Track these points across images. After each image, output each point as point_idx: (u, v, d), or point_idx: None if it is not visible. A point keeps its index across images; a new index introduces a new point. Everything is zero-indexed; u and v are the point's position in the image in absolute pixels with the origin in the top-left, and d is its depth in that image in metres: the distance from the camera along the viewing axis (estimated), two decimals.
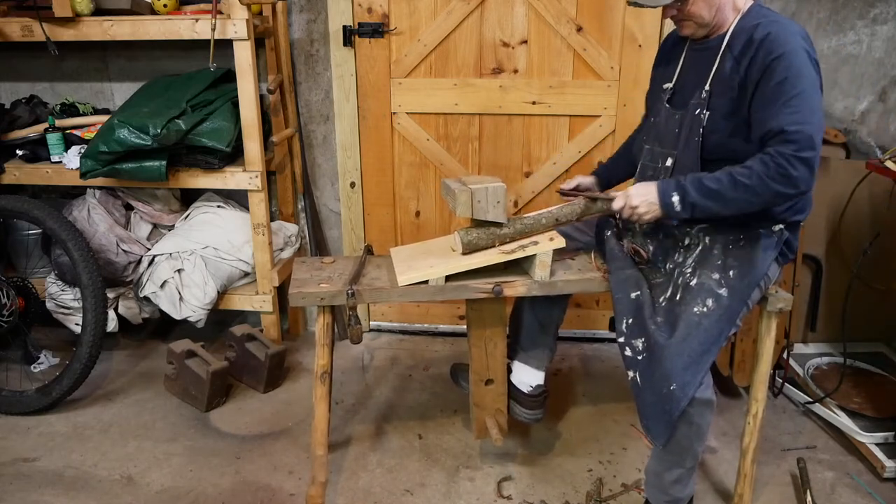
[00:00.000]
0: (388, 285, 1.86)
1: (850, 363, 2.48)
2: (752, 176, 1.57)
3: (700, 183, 1.63)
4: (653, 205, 1.68)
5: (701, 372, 1.65)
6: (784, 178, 1.55)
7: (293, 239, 2.89)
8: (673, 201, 1.65)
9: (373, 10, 2.62)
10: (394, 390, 2.62)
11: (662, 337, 1.68)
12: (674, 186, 1.65)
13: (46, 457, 2.23)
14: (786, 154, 1.54)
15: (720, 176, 1.61)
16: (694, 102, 1.74)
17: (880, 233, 2.45)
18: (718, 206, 1.62)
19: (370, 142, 2.80)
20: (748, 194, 1.59)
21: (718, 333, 1.68)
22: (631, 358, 1.74)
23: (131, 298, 2.71)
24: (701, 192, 1.62)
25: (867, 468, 2.17)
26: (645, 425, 1.73)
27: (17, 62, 2.88)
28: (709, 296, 1.69)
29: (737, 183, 1.59)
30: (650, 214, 1.69)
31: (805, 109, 1.55)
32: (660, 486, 1.82)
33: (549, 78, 2.64)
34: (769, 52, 1.59)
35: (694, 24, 1.73)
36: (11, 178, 2.64)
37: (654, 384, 1.66)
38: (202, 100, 2.56)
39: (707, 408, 1.69)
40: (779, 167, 1.55)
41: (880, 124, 2.60)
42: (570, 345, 2.93)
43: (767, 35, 1.60)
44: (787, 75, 1.56)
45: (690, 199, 1.63)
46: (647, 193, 1.69)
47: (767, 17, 1.67)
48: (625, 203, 1.72)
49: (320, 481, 1.95)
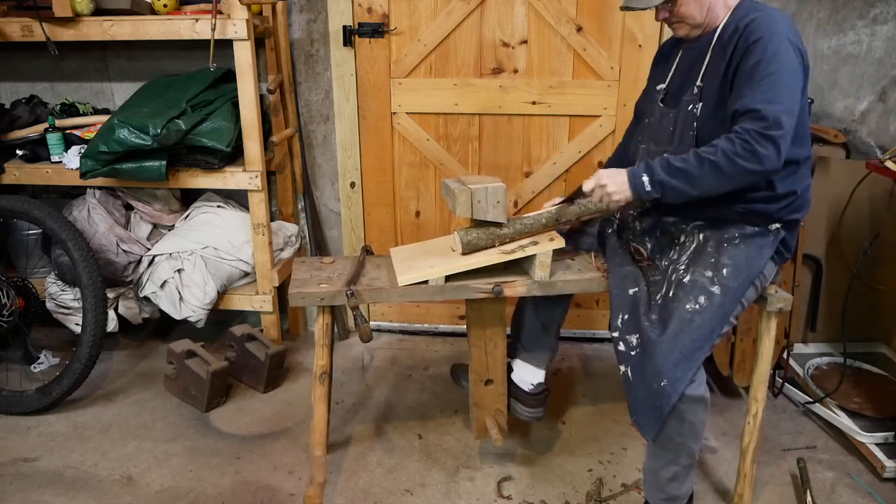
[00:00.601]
0: (388, 285, 1.86)
1: (850, 363, 2.48)
2: (717, 153, 1.58)
3: (667, 162, 1.65)
4: (622, 184, 1.69)
5: (692, 369, 1.65)
6: (750, 155, 1.56)
7: (293, 239, 2.89)
8: (643, 181, 1.66)
9: (373, 10, 2.62)
10: (394, 390, 2.62)
11: (655, 333, 1.68)
12: (643, 168, 1.67)
13: (46, 457, 2.23)
14: (751, 131, 1.55)
15: (686, 156, 1.64)
16: (686, 99, 1.76)
17: (880, 233, 2.45)
18: (687, 184, 1.63)
19: (370, 142, 2.80)
20: (715, 171, 1.60)
21: (710, 331, 1.68)
22: (624, 353, 1.75)
23: (131, 298, 2.71)
24: (668, 172, 1.64)
25: (867, 468, 2.17)
26: (635, 420, 1.73)
27: (17, 62, 2.88)
28: (701, 293, 1.69)
29: (702, 160, 1.60)
30: (619, 195, 1.70)
31: (776, 89, 1.57)
32: (656, 483, 1.82)
33: (549, 78, 2.64)
34: (749, 35, 1.62)
35: (687, 26, 1.76)
36: (11, 178, 2.64)
37: (646, 380, 1.67)
38: (202, 100, 2.56)
39: (699, 405, 1.69)
40: (744, 143, 1.56)
41: (880, 124, 2.60)
42: (570, 345, 2.93)
43: (752, 20, 1.64)
44: (762, 56, 1.59)
45: (658, 178, 1.65)
46: (616, 174, 1.71)
47: (756, 8, 1.69)
48: (595, 184, 1.73)
49: (319, 482, 1.95)
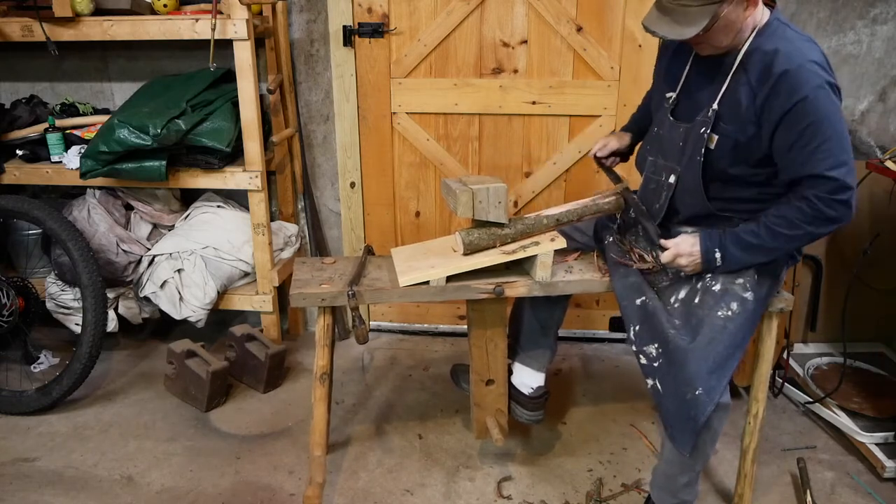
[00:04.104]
0: (389, 286, 1.86)
1: (850, 363, 2.48)
2: (790, 225, 1.59)
3: (738, 238, 1.65)
4: (695, 259, 1.70)
5: (726, 377, 1.65)
6: (823, 221, 1.57)
7: (293, 239, 2.89)
8: (715, 257, 1.68)
9: (373, 10, 2.62)
10: (394, 390, 2.62)
11: (684, 341, 1.65)
12: (717, 243, 1.67)
13: (46, 457, 2.23)
14: (823, 198, 1.54)
15: (756, 229, 1.63)
16: (700, 119, 1.68)
17: (880, 233, 2.46)
18: (760, 256, 1.66)
19: (370, 142, 2.80)
20: (788, 241, 1.62)
21: (742, 338, 1.67)
22: (647, 365, 1.72)
23: (131, 298, 2.71)
24: (741, 247, 1.65)
25: (867, 468, 2.18)
26: (670, 434, 1.70)
27: (17, 62, 2.88)
28: (733, 299, 1.68)
29: (775, 234, 1.61)
30: (691, 268, 1.72)
31: (837, 152, 1.53)
32: (670, 489, 1.81)
33: (549, 78, 2.64)
34: (791, 94, 1.52)
35: (712, 47, 1.63)
36: (11, 178, 2.64)
37: (677, 389, 1.64)
38: (202, 100, 2.55)
39: (725, 412, 1.69)
40: (817, 212, 1.56)
41: (880, 124, 2.60)
42: (570, 345, 2.93)
43: (787, 73, 1.52)
44: (813, 119, 1.51)
45: (731, 257, 1.66)
46: (691, 247, 1.70)
47: (785, 39, 1.58)
48: (672, 257, 1.72)
49: (318, 482, 1.95)
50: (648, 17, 1.60)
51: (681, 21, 1.54)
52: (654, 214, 1.80)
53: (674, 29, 1.55)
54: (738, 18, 1.56)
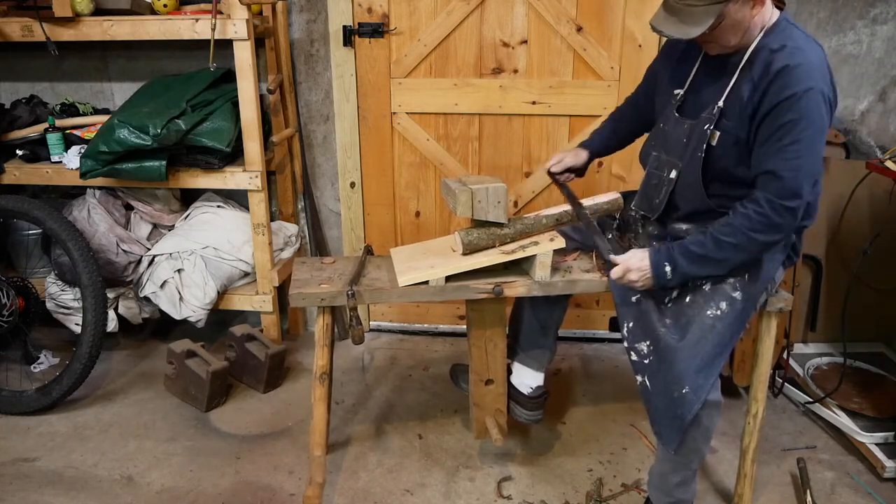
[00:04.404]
0: (389, 286, 1.86)
1: (850, 363, 2.48)
2: (735, 233, 1.59)
3: (686, 250, 1.65)
4: (645, 273, 1.69)
5: (713, 375, 1.65)
6: (768, 228, 1.57)
7: (293, 239, 2.89)
8: (665, 271, 1.67)
9: (373, 10, 2.62)
10: (394, 390, 2.62)
11: (673, 339, 1.66)
12: (665, 257, 1.67)
13: (46, 457, 2.24)
14: (772, 201, 1.55)
15: (703, 240, 1.63)
16: (705, 116, 1.68)
17: (880, 233, 2.45)
18: (709, 268, 1.65)
19: (370, 142, 2.80)
20: (735, 250, 1.61)
21: (730, 337, 1.68)
22: (637, 362, 1.74)
23: (131, 298, 2.71)
24: (689, 259, 1.64)
25: (867, 468, 2.17)
26: (656, 431, 1.72)
27: (17, 62, 2.88)
28: (723, 299, 1.68)
29: (721, 243, 1.60)
30: (642, 283, 1.70)
31: (805, 155, 1.53)
32: (664, 488, 1.82)
33: (549, 78, 2.64)
34: (782, 89, 1.52)
35: (720, 46, 1.64)
36: (11, 178, 2.64)
37: (666, 387, 1.66)
38: (202, 100, 2.56)
39: (715, 409, 1.70)
40: (762, 217, 1.55)
41: (880, 124, 2.60)
42: (570, 345, 2.93)
43: (785, 68, 1.53)
44: (793, 117, 1.52)
45: (680, 269, 1.65)
46: (640, 262, 1.69)
47: (791, 38, 1.58)
48: (622, 273, 1.71)
49: (318, 482, 1.95)
50: (656, 17, 1.61)
51: (687, 21, 1.55)
52: (654, 209, 1.81)
53: (680, 28, 1.56)
54: (745, 18, 1.56)
